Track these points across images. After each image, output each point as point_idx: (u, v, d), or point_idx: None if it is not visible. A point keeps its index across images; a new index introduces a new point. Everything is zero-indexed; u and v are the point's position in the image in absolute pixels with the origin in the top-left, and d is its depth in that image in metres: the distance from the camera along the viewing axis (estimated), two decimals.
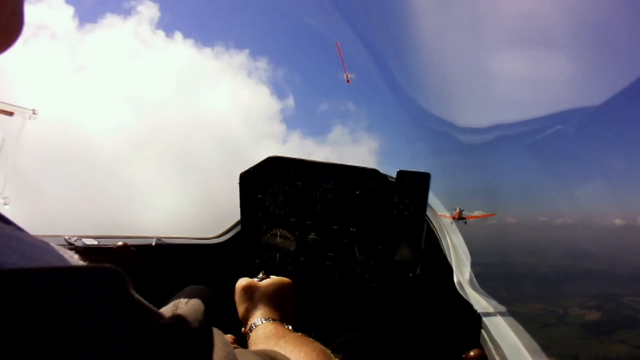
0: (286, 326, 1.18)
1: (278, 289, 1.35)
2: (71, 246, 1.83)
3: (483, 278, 2.05)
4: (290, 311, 1.33)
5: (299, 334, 1.08)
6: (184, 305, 0.62)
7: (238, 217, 2.44)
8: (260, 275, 1.45)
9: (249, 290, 1.32)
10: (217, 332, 0.61)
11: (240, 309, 1.30)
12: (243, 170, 2.32)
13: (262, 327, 1.15)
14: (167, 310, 0.62)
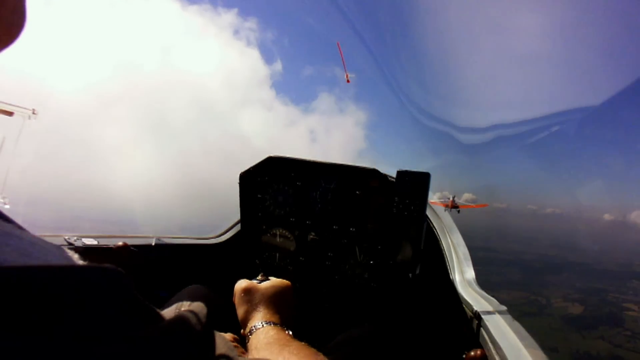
0: (287, 331, 1.16)
1: (278, 292, 1.33)
2: (71, 246, 1.83)
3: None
4: (289, 314, 1.31)
5: (303, 343, 1.08)
6: (187, 307, 0.61)
7: (238, 217, 2.45)
8: (260, 277, 1.43)
9: (248, 292, 1.30)
10: (220, 336, 0.61)
11: (240, 310, 1.28)
12: (243, 170, 2.33)
13: (263, 331, 1.14)
14: (169, 311, 0.63)
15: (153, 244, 2.21)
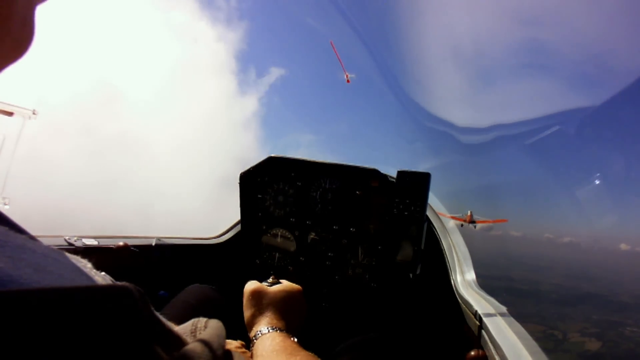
0: (292, 339, 1.12)
1: (287, 297, 1.29)
2: (71, 246, 1.83)
3: (483, 290, 2.01)
4: (297, 321, 1.28)
5: (310, 353, 1.05)
6: (204, 329, 0.60)
7: (238, 217, 2.44)
8: (270, 279, 1.38)
9: (257, 295, 1.27)
10: (239, 356, 0.58)
11: (247, 313, 1.25)
12: (243, 170, 2.34)
13: (269, 338, 1.10)
14: (184, 329, 0.61)
15: (153, 244, 2.20)
